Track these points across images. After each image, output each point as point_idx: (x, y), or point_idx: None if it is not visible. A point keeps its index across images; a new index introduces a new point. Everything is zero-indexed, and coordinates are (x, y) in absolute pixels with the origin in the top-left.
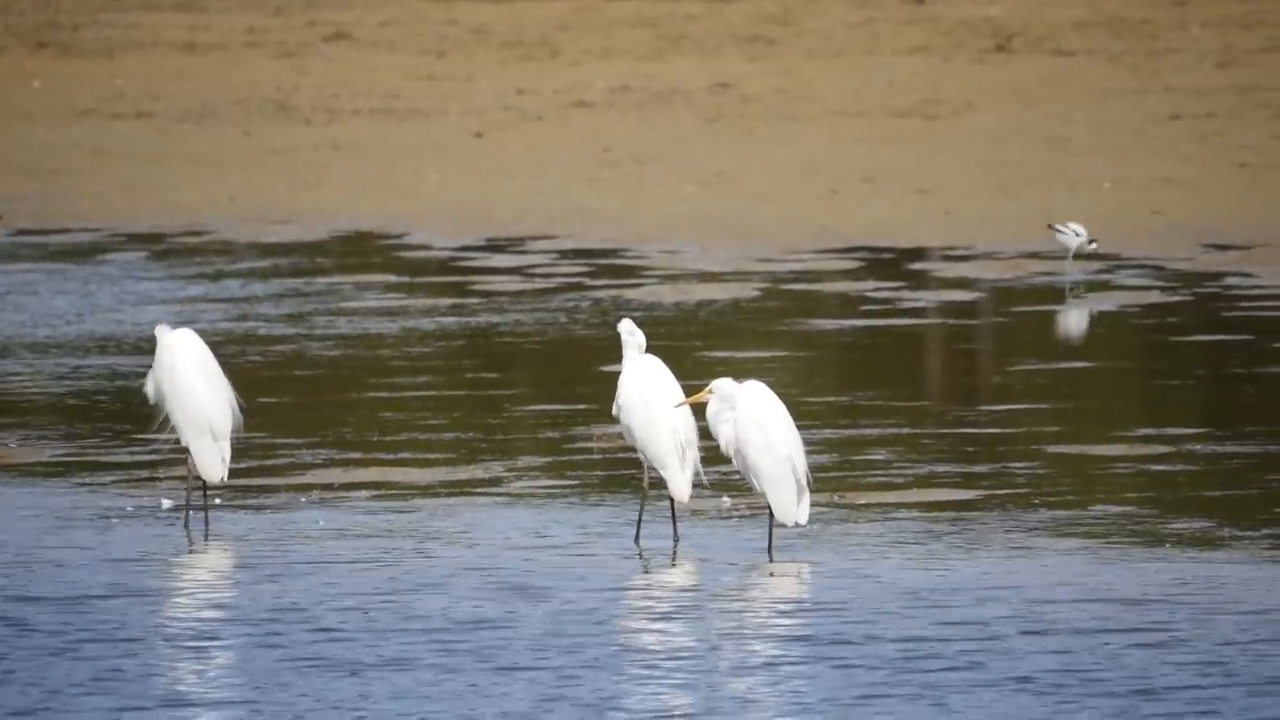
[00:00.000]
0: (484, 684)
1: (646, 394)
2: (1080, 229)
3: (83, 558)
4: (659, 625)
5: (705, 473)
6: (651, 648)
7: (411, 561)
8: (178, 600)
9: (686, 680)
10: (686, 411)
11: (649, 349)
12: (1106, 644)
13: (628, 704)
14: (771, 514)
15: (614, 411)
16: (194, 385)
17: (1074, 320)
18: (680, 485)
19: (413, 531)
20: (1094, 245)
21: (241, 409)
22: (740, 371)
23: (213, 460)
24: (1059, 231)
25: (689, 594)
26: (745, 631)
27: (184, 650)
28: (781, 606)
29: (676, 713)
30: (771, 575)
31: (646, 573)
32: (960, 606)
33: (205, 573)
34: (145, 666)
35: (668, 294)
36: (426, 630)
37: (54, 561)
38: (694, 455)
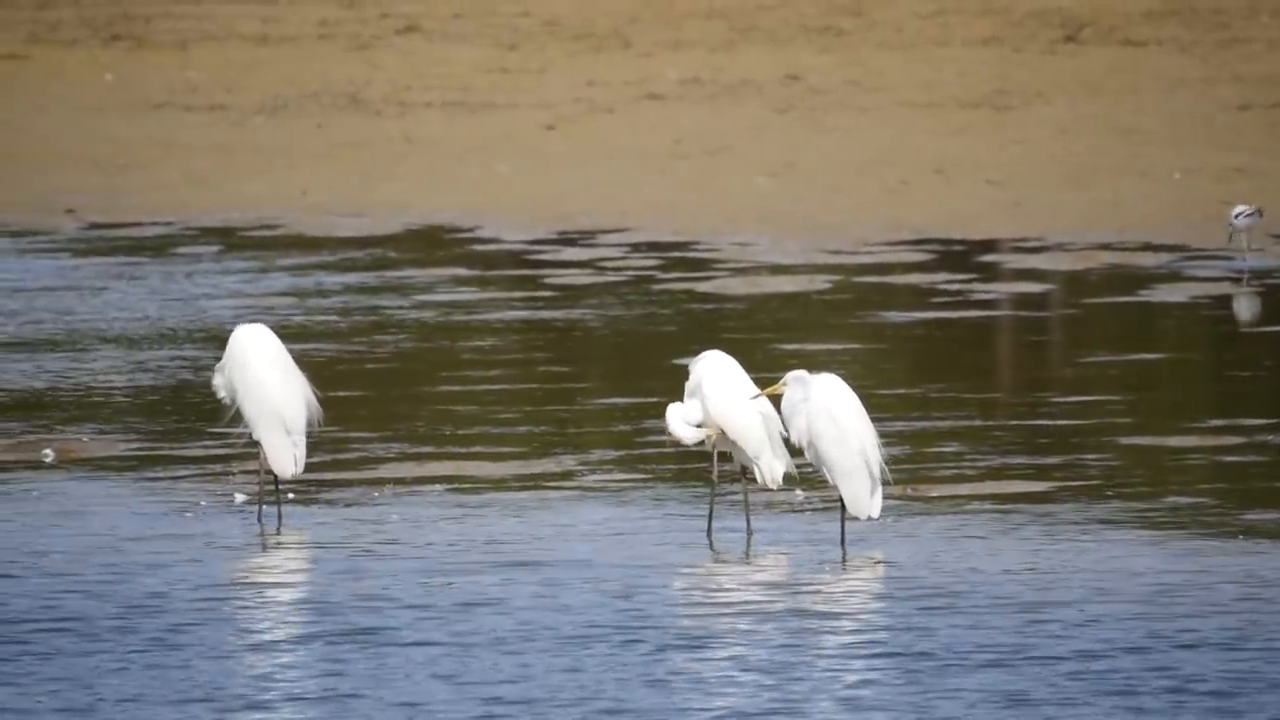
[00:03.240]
0: (553, 670)
1: (734, 388)
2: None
3: (155, 551)
4: (730, 617)
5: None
6: (723, 640)
7: (484, 553)
8: (250, 594)
9: (759, 674)
10: (765, 400)
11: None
12: (1181, 636)
13: (696, 698)
14: (844, 506)
15: (698, 417)
16: (264, 380)
17: (1244, 306)
18: (775, 470)
19: (485, 523)
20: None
21: (319, 402)
22: (812, 364)
23: (285, 455)
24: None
25: (761, 586)
26: (818, 625)
27: (258, 644)
28: (855, 598)
29: (747, 705)
30: (844, 567)
31: (719, 565)
32: (1035, 599)
33: (278, 566)
34: (216, 662)
35: (739, 286)
36: (496, 619)
37: (125, 556)
38: (779, 439)
